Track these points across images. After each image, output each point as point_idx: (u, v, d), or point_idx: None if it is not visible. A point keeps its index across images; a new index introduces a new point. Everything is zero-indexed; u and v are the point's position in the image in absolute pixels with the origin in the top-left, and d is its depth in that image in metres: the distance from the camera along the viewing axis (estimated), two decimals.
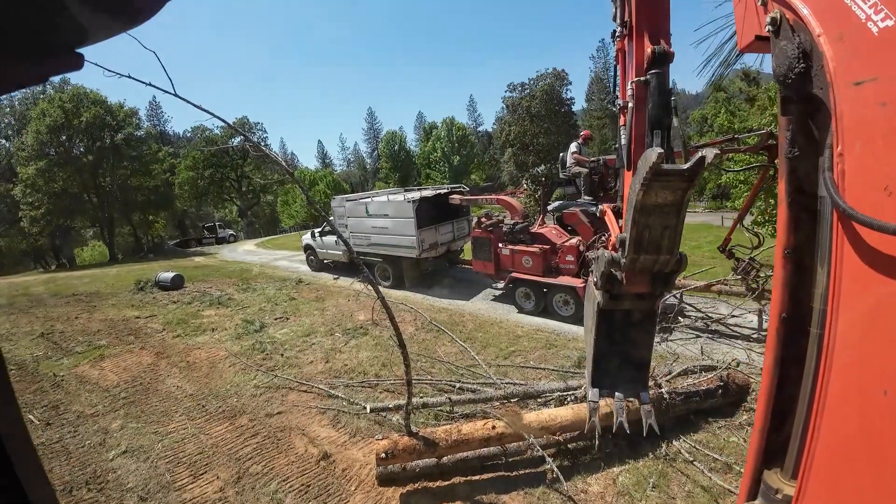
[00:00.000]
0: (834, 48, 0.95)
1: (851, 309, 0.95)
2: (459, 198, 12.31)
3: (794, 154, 1.23)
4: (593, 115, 54.47)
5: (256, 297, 12.93)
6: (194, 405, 6.43)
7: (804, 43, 1.08)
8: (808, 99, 1.11)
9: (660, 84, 2.20)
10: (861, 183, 0.90)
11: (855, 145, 0.90)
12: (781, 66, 1.15)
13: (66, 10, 0.72)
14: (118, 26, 0.82)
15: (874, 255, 0.88)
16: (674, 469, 4.50)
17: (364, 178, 73.99)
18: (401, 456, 4.18)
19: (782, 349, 1.32)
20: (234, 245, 35.29)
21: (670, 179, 1.73)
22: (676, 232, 1.95)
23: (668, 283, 2.22)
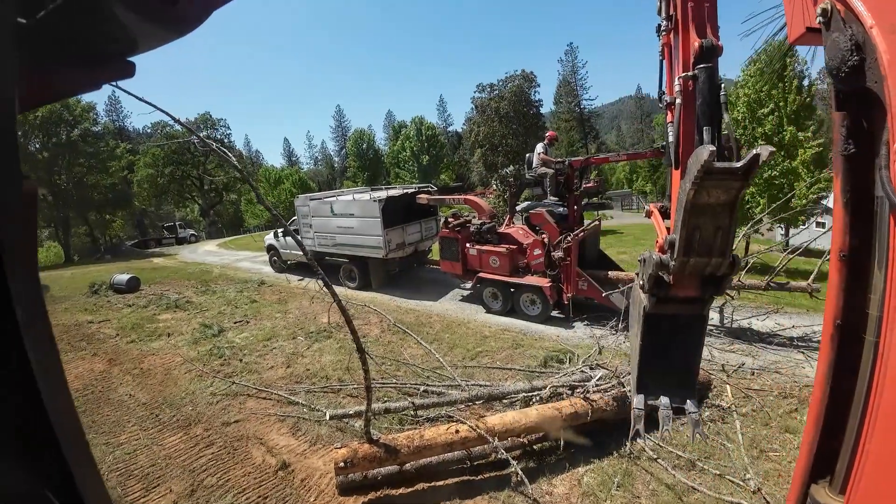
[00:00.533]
0: (887, 40, 0.91)
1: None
2: (427, 197, 12.21)
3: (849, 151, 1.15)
4: (561, 118, 55.40)
5: (216, 299, 12.49)
6: (147, 414, 6.14)
7: (857, 35, 1.02)
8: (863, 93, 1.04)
9: (709, 78, 2.12)
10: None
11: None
12: (834, 60, 1.09)
13: (118, 20, 0.75)
14: (167, 35, 0.85)
15: None
16: (638, 467, 4.52)
17: (332, 176, 72.91)
18: (361, 464, 4.03)
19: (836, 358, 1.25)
20: (195, 245, 34.16)
21: (723, 178, 1.65)
22: (729, 233, 1.85)
23: (721, 287, 2.10)
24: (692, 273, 1.98)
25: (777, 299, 9.26)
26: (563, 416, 4.63)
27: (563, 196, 9.59)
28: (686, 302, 2.19)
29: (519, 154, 41.16)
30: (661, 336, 2.29)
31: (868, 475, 0.95)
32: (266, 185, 43.90)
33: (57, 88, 0.92)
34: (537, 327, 8.73)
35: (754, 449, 4.69)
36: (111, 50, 0.84)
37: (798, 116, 15.84)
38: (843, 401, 1.19)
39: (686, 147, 2.31)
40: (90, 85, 0.92)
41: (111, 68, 0.88)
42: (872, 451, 0.94)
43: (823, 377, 1.26)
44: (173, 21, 0.82)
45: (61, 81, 0.86)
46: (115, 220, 44.34)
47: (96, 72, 0.86)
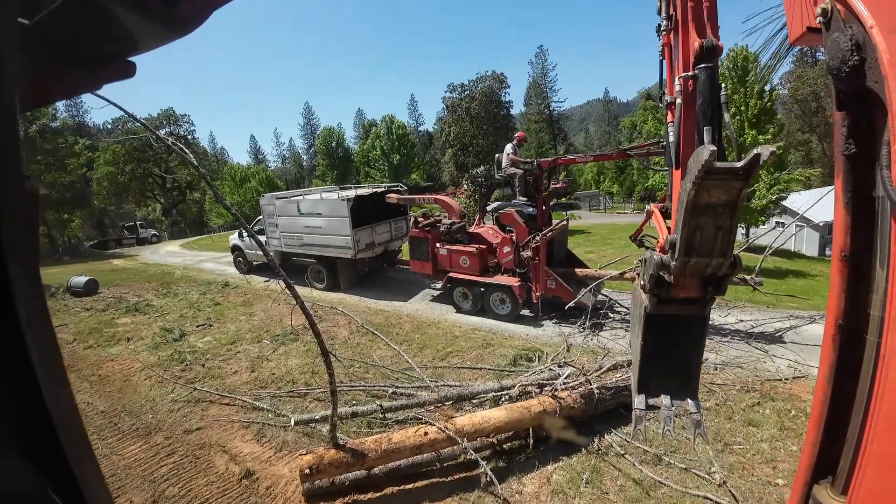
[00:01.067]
0: (888, 40, 0.91)
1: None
2: (397, 197, 12.10)
3: (849, 151, 1.15)
4: (531, 119, 56.08)
5: (178, 302, 12.07)
6: (106, 423, 5.90)
7: (857, 35, 1.02)
8: (864, 93, 1.04)
9: (709, 78, 2.12)
10: None
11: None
12: (835, 59, 1.09)
13: (118, 20, 0.75)
14: (168, 35, 0.86)
15: None
16: (606, 463, 4.58)
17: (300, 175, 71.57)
18: (327, 470, 3.93)
19: (838, 358, 1.24)
20: (157, 246, 33.08)
21: (724, 178, 1.63)
22: (731, 233, 1.83)
23: (722, 288, 2.08)
24: (693, 273, 1.98)
25: (738, 296, 9.61)
26: (531, 414, 4.64)
27: (532, 196, 9.67)
28: (687, 302, 2.18)
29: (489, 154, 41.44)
30: (662, 336, 2.28)
31: (870, 476, 0.95)
32: (232, 184, 42.75)
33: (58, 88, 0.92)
34: (507, 326, 8.77)
35: (718, 442, 4.82)
36: (112, 50, 0.84)
37: (759, 120, 16.53)
38: (845, 401, 1.19)
39: (686, 147, 2.32)
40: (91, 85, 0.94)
41: (112, 68, 0.88)
42: (874, 451, 0.94)
43: (825, 378, 1.26)
44: (174, 21, 0.83)
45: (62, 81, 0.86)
46: (74, 220, 42.26)
47: (97, 72, 0.87)
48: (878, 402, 0.95)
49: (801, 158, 38.15)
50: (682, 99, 2.30)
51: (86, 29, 0.76)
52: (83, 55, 0.81)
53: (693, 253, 1.86)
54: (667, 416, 2.36)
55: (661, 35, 2.55)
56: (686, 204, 1.73)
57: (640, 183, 34.35)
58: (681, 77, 2.29)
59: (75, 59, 0.81)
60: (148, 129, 3.82)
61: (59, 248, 38.41)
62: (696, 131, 2.19)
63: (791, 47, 3.79)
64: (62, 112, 46.20)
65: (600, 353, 6.90)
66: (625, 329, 8.23)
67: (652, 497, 4.09)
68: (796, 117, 39.12)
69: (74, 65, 0.82)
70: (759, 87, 16.06)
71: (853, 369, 1.18)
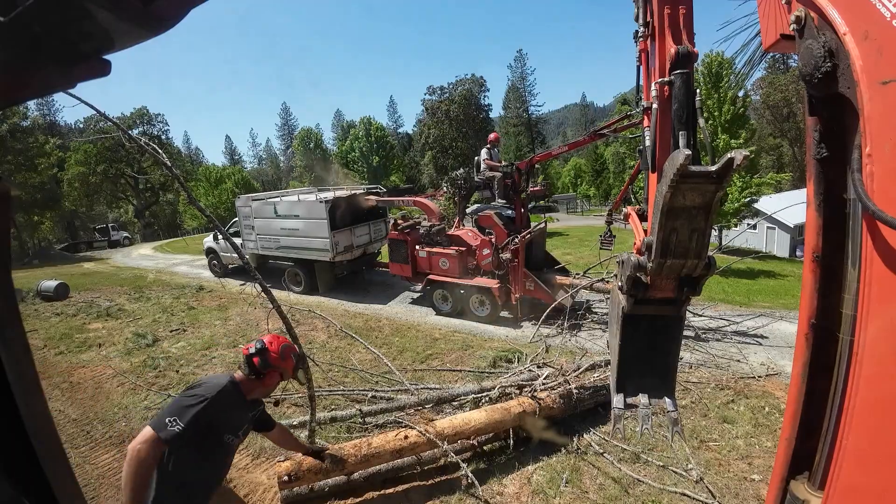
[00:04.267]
0: (860, 47, 0.93)
1: (881, 314, 0.92)
2: (376, 199, 12.02)
3: (821, 155, 1.19)
4: (510, 123, 56.53)
5: (150, 306, 11.73)
6: (78, 431, 5.70)
7: (829, 42, 1.04)
8: (836, 99, 1.07)
9: (685, 84, 2.15)
10: (890, 183, 0.88)
11: (883, 145, 0.88)
12: (807, 66, 1.11)
13: (93, 18, 0.74)
14: (143, 33, 0.84)
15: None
16: (585, 462, 4.62)
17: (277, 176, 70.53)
18: (306, 477, 3.86)
19: (811, 356, 1.28)
20: (129, 249, 32.14)
21: (698, 181, 1.67)
22: (705, 235, 1.87)
23: (697, 288, 2.11)
24: (669, 274, 2.01)
25: (712, 295, 9.85)
26: (511, 415, 4.65)
27: (510, 199, 9.75)
28: (663, 303, 2.22)
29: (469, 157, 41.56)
30: (640, 336, 2.32)
31: (846, 470, 0.97)
32: (207, 185, 41.83)
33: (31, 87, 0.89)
34: (487, 328, 8.81)
35: (695, 440, 4.91)
36: (87, 48, 0.82)
37: (732, 125, 17.00)
38: (819, 398, 1.22)
39: (662, 151, 2.36)
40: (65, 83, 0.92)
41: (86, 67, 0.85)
42: (850, 446, 0.96)
43: (799, 375, 1.30)
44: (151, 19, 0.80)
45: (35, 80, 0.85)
46: (44, 222, 40.80)
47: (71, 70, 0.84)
48: (852, 399, 0.97)
49: (773, 162, 39.40)
50: (658, 104, 2.33)
51: (60, 26, 0.74)
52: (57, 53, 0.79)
53: (669, 254, 1.89)
54: (644, 414, 2.40)
55: (637, 41, 2.57)
56: (661, 207, 1.76)
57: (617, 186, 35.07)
58: (657, 82, 2.31)
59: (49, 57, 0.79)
60: (120, 129, 3.72)
61: (29, 251, 37.05)
62: (671, 136, 2.22)
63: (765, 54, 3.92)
64: (33, 111, 44.46)
65: (578, 353, 6.98)
66: (602, 329, 8.35)
67: (630, 494, 4.15)
68: (768, 122, 40.39)
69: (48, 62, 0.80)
70: (733, 94, 16.55)
71: (827, 366, 1.20)
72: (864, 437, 0.95)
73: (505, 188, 9.74)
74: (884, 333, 0.93)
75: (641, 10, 2.43)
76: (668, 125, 2.26)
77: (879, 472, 0.91)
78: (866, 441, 0.94)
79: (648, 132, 2.46)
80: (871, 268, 0.96)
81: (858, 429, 0.95)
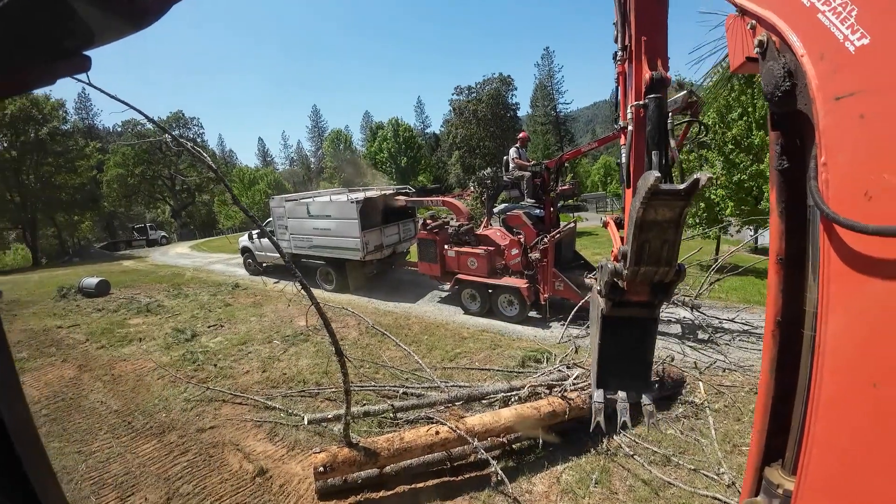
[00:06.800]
0: (816, 67, 1.02)
1: (839, 309, 1.00)
2: (405, 199, 12.16)
3: (782, 166, 1.31)
4: (537, 121, 56.00)
5: (188, 303, 12.19)
6: (120, 422, 5.96)
7: (789, 63, 1.15)
8: (795, 115, 1.18)
9: (658, 108, 2.30)
10: (844, 189, 0.96)
11: (837, 155, 0.97)
12: (769, 85, 1.22)
13: (75, 13, 0.73)
14: (125, 28, 0.83)
15: (856, 257, 0.95)
16: (615, 464, 4.60)
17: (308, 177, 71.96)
18: (340, 468, 3.99)
19: (778, 352, 1.38)
20: (167, 248, 33.34)
21: (668, 199, 1.84)
22: (675, 245, 2.07)
23: (668, 293, 2.32)
24: (643, 280, 2.19)
25: (747, 298, 9.57)
26: (541, 415, 4.68)
27: (539, 198, 9.71)
28: (639, 305, 2.40)
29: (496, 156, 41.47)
30: (618, 336, 2.51)
31: (816, 456, 1.04)
32: (240, 186, 43.07)
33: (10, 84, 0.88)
34: (515, 328, 8.80)
35: (727, 444, 4.82)
36: (67, 44, 0.82)
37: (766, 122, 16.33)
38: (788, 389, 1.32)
39: (637, 168, 2.54)
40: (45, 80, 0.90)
41: (67, 63, 0.85)
42: (817, 434, 1.03)
43: (767, 370, 1.41)
44: (132, 14, 0.80)
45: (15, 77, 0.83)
46: (84, 222, 42.79)
47: (51, 67, 0.84)
48: (817, 390, 1.04)
49: None
50: (634, 125, 2.50)
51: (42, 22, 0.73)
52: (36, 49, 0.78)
53: (642, 262, 2.09)
54: (623, 408, 2.61)
55: (616, 63, 2.72)
56: (635, 220, 1.95)
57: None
58: (632, 105, 2.47)
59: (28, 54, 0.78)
60: (167, 133, 3.91)
61: (70, 249, 38.88)
62: (645, 155, 2.35)
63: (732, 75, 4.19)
64: (72, 115, 46.68)
65: None
66: None
67: (661, 497, 4.11)
68: None
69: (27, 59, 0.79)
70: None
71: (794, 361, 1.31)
72: (828, 426, 1.01)
73: (534, 187, 9.70)
74: (842, 328, 1.00)
75: (620, 34, 2.59)
76: (642, 145, 2.43)
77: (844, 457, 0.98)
78: (831, 429, 1.01)
79: (624, 150, 2.64)
80: (828, 266, 1.03)
81: (824, 418, 1.02)
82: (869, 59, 0.92)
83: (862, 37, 0.93)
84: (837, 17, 0.98)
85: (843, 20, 0.97)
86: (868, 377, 0.93)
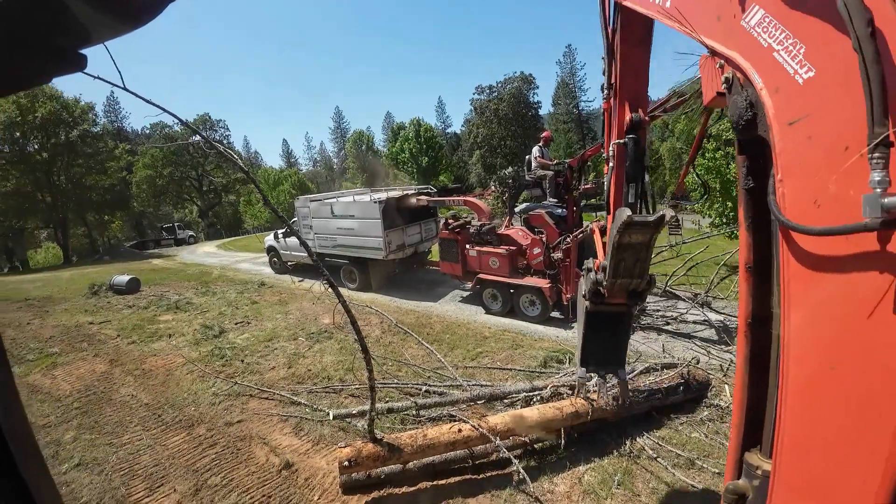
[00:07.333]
0: (772, 98, 1.21)
1: (798, 304, 1.16)
2: (427, 199, 12.24)
3: (749, 185, 1.54)
4: (559, 119, 55.51)
5: (216, 300, 12.50)
6: (150, 415, 6.16)
7: (751, 96, 1.34)
8: (757, 140, 1.37)
9: (636, 145, 2.64)
10: (797, 201, 1.13)
11: (791, 172, 1.15)
12: (734, 116, 1.44)
13: (69, 11, 0.72)
14: (121, 27, 0.82)
15: (809, 257, 1.12)
16: (638, 466, 4.56)
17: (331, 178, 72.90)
18: (365, 463, 4.07)
19: (750, 350, 1.58)
20: (194, 247, 34.14)
21: (640, 228, 2.20)
22: (646, 262, 2.45)
23: (641, 298, 2.75)
24: (620, 288, 2.59)
25: None
26: (564, 415, 4.67)
27: (562, 197, 9.64)
28: (617, 306, 2.87)
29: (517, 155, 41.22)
30: (599, 326, 3.02)
31: (788, 441, 1.18)
32: (265, 187, 43.93)
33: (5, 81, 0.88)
34: (537, 328, 8.77)
35: None
36: (63, 42, 0.81)
37: None
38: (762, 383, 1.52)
39: (616, 198, 2.89)
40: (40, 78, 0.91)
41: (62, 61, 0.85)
42: (786, 417, 1.18)
43: (742, 367, 1.61)
44: (126, 13, 0.79)
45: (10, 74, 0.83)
46: (114, 221, 44.29)
47: (47, 65, 0.84)
48: (784, 379, 1.19)
49: None
50: (615, 160, 2.80)
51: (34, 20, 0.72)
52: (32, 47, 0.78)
53: (619, 275, 2.50)
54: (600, 382, 3.47)
55: (604, 98, 2.97)
56: (613, 243, 2.34)
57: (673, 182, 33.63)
58: (614, 143, 2.78)
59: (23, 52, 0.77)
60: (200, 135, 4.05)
61: (100, 248, 40.24)
62: (624, 185, 2.74)
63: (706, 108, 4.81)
64: (101, 117, 48.31)
65: (632, 355, 6.84)
66: (658, 333, 8.12)
67: (685, 501, 4.07)
68: None
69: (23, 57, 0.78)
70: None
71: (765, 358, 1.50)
72: (796, 409, 1.16)
73: (556, 186, 9.64)
74: (802, 321, 1.15)
75: (607, 74, 2.83)
76: (621, 178, 2.80)
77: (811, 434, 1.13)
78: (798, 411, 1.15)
79: (606, 179, 2.96)
80: (787, 268, 1.18)
81: (791, 402, 1.16)
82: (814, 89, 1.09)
83: (808, 70, 1.10)
84: (789, 54, 1.16)
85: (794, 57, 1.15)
86: (827, 361, 1.07)
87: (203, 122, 51.23)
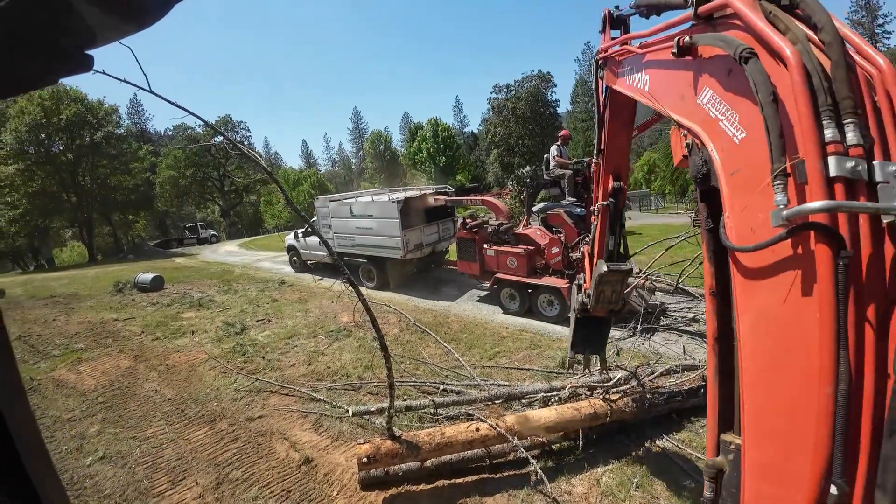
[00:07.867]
0: (720, 156, 1.57)
1: (745, 311, 1.46)
2: (444, 198, 12.26)
3: (709, 226, 1.95)
4: (577, 118, 55.05)
5: (238, 298, 12.74)
6: (173, 409, 6.30)
7: (705, 156, 1.75)
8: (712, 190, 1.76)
9: (615, 206, 3.41)
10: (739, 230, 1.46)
11: (733, 209, 1.49)
12: (694, 171, 1.90)
13: (76, 12, 0.72)
14: (127, 28, 0.82)
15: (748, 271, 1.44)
16: (657, 468, 4.50)
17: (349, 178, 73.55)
18: (383, 460, 4.11)
19: (718, 361, 1.96)
20: (216, 246, 34.80)
21: (616, 272, 3.38)
22: (621, 293, 3.59)
23: (619, 314, 4.09)
24: (601, 309, 3.73)
25: None
26: (582, 416, 4.65)
27: (580, 197, 9.56)
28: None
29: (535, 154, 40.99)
30: (586, 325, 4.12)
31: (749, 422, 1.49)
32: (285, 187, 44.39)
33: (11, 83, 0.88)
34: (554, 328, 8.72)
35: None
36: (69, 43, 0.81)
37: None
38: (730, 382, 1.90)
39: (601, 245, 3.62)
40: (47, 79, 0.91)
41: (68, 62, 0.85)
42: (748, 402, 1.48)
43: (711, 377, 1.99)
44: (131, 13, 0.79)
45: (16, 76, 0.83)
46: (138, 221, 45.40)
47: (53, 66, 0.84)
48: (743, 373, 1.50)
49: None
50: (599, 217, 3.54)
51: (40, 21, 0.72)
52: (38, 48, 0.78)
53: (600, 302, 3.62)
54: (585, 359, 4.69)
55: (595, 159, 3.52)
56: (595, 280, 3.47)
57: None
58: (598, 205, 3.50)
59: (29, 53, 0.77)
60: (224, 136, 4.15)
61: (124, 247, 41.29)
62: (607, 233, 3.53)
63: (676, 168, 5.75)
64: (125, 119, 49.59)
65: (652, 357, 6.76)
66: (678, 334, 8.00)
67: None
68: None
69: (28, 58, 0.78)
70: None
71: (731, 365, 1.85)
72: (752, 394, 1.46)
73: (575, 185, 9.57)
74: (749, 324, 1.45)
75: (597, 139, 3.42)
76: (604, 230, 3.55)
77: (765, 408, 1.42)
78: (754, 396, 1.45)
79: (594, 225, 3.66)
80: (736, 283, 1.50)
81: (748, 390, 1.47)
82: (746, 146, 1.45)
83: (742, 132, 1.47)
84: (729, 122, 1.53)
85: (732, 123, 1.51)
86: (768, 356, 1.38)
87: (224, 123, 52.19)
